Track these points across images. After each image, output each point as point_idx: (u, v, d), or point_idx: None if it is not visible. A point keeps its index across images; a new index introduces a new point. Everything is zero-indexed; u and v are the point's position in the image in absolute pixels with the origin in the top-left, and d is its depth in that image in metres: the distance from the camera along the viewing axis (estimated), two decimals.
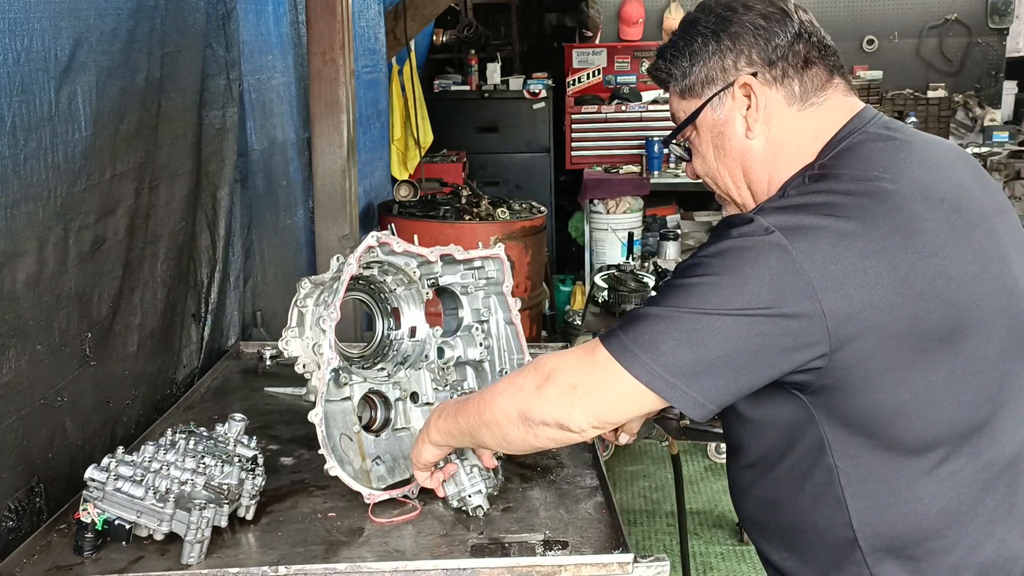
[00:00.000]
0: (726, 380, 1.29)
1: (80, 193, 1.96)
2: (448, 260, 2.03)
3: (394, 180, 5.79)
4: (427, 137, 6.12)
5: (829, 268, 1.23)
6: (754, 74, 1.42)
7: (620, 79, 7.39)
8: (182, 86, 2.55)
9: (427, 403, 2.04)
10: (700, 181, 1.58)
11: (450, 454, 1.84)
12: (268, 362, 2.75)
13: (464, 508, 1.80)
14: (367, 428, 1.95)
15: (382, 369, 2.02)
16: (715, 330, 1.26)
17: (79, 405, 2.02)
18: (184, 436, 1.82)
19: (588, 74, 7.41)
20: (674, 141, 1.55)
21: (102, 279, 2.10)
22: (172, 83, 2.45)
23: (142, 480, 1.68)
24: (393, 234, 1.90)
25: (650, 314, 1.31)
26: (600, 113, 7.23)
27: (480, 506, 1.78)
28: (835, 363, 1.26)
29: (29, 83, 1.78)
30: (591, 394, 1.36)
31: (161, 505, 1.65)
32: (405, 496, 1.86)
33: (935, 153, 1.42)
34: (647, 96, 7.26)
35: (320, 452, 1.75)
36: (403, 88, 5.86)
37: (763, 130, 1.43)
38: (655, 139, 6.80)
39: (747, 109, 1.43)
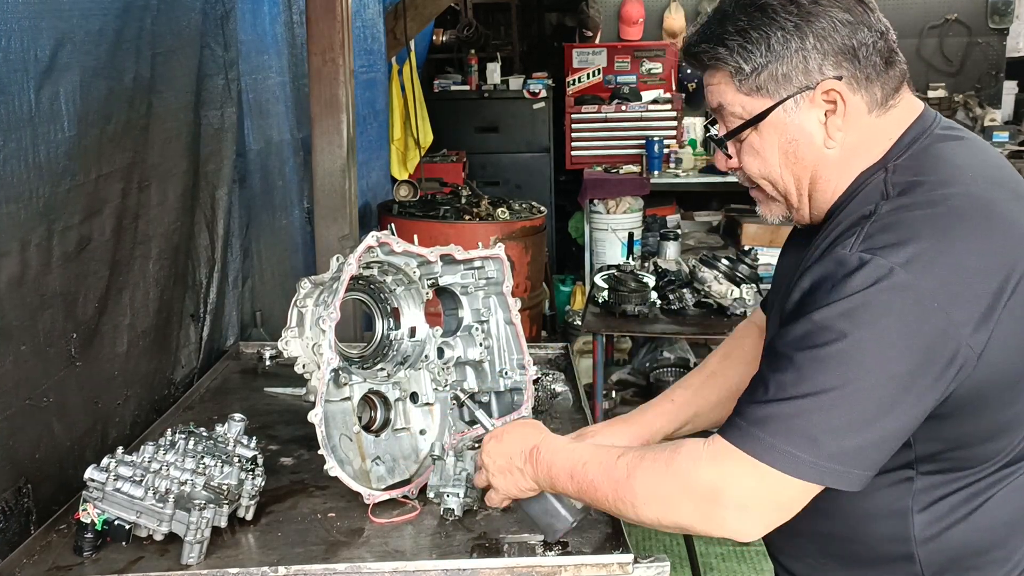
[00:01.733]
0: (888, 442, 1.21)
1: (64, 193, 1.95)
2: (448, 260, 2.03)
3: (393, 180, 5.79)
4: (427, 137, 6.12)
5: (957, 295, 1.17)
6: (839, 78, 1.29)
7: (620, 79, 7.38)
8: (176, 86, 2.54)
9: (427, 403, 2.04)
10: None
11: (448, 451, 1.86)
12: (268, 362, 2.76)
13: (437, 503, 1.80)
14: (367, 428, 1.95)
15: (382, 369, 2.01)
16: (870, 399, 1.17)
17: (66, 405, 2.01)
18: (184, 436, 1.83)
19: (588, 74, 7.40)
20: (724, 136, 1.40)
21: (88, 279, 2.09)
22: (165, 83, 2.44)
23: (142, 480, 1.68)
24: (393, 234, 1.90)
25: (797, 407, 1.18)
26: (600, 113, 7.22)
27: (452, 509, 1.77)
28: (958, 392, 1.20)
29: (8, 83, 1.77)
30: (767, 509, 1.25)
31: (161, 505, 1.65)
32: (405, 496, 1.86)
33: (995, 155, 1.38)
34: (647, 96, 7.25)
35: (320, 452, 1.74)
36: (403, 88, 5.86)
37: (842, 138, 1.32)
38: (655, 139, 6.79)
39: (826, 115, 1.31)
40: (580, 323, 4.75)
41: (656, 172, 6.76)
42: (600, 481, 1.39)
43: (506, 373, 2.08)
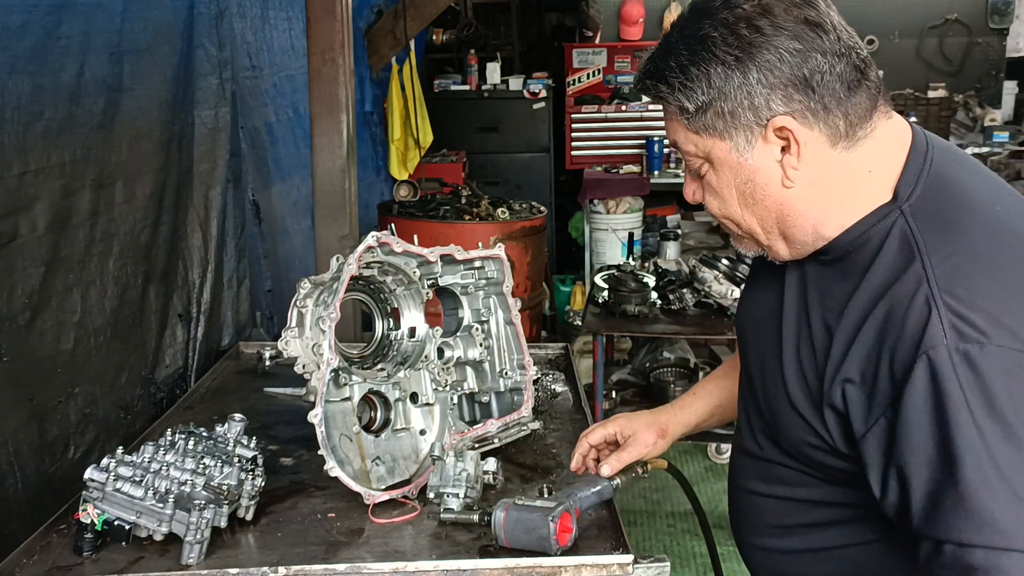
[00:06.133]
0: None
1: None
2: (448, 260, 2.03)
3: (393, 180, 5.78)
4: (427, 137, 6.12)
5: None
6: (789, 113, 1.19)
7: (620, 79, 7.37)
8: (150, 85, 2.50)
9: (427, 403, 2.04)
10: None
11: (448, 451, 1.85)
12: (268, 362, 2.75)
13: (437, 503, 1.80)
14: (367, 428, 1.95)
15: (382, 369, 2.01)
16: None
17: None
18: (184, 436, 1.82)
19: (588, 74, 7.40)
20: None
21: (13, 275, 2.05)
22: (136, 82, 2.40)
23: (142, 480, 1.68)
24: (393, 234, 1.90)
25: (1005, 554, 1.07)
26: (600, 113, 7.21)
27: (451, 509, 1.77)
28: None
29: None
30: None
31: (161, 505, 1.64)
32: (405, 496, 1.85)
33: (992, 174, 1.33)
34: (647, 96, 7.25)
35: (320, 452, 1.74)
36: (403, 87, 5.86)
37: (804, 176, 1.22)
38: (655, 139, 6.79)
39: (783, 153, 1.22)
40: (580, 323, 4.75)
41: (656, 172, 6.76)
42: None
43: (506, 373, 2.08)
